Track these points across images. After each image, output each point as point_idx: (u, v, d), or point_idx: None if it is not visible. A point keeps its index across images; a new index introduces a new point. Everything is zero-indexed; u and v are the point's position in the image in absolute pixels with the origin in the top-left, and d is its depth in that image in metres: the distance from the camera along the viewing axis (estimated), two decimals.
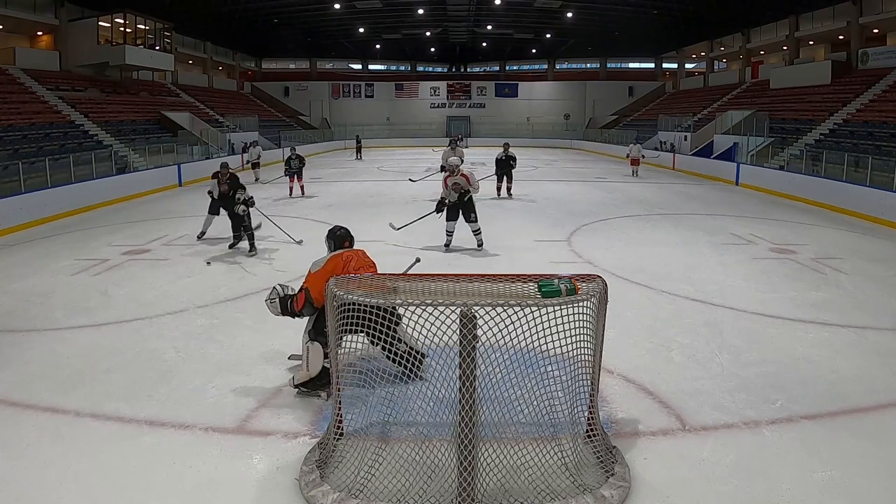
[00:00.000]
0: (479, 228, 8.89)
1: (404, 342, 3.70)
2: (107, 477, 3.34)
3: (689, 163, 22.45)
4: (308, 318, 4.37)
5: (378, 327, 3.21)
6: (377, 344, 3.56)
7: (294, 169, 15.01)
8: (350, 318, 3.28)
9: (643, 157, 20.81)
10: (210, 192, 9.27)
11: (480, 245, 8.91)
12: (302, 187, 15.24)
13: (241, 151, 24.50)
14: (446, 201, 8.77)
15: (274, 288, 4.51)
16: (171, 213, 12.86)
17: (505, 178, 14.58)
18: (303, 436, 3.77)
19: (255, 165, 19.33)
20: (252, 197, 8.93)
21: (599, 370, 3.46)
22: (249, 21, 33.34)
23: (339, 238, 4.65)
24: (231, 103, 33.66)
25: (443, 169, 13.08)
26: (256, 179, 18.34)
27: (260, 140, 28.76)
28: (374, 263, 4.52)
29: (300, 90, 42.75)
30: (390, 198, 14.99)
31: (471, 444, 2.97)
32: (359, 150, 29.64)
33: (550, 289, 3.05)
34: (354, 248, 4.64)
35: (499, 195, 14.48)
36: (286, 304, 4.38)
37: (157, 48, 26.55)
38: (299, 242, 9.29)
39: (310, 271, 4.38)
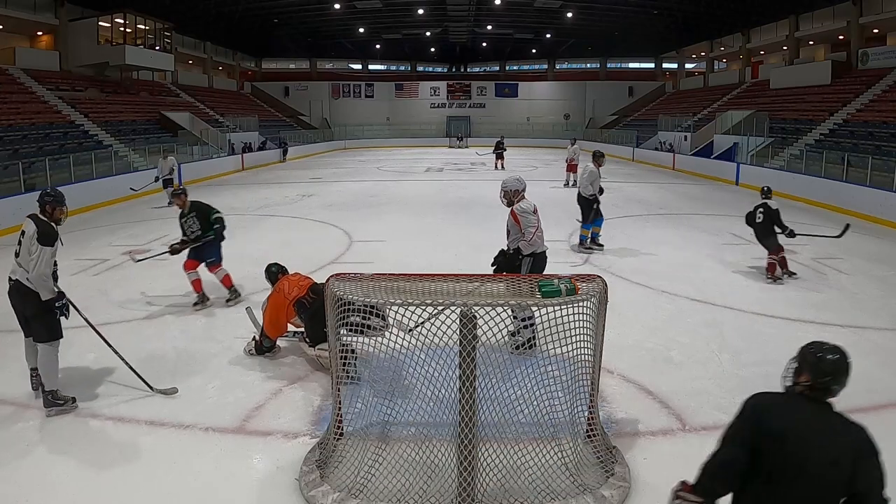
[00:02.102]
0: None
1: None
2: (107, 477, 3.34)
3: (689, 163, 22.45)
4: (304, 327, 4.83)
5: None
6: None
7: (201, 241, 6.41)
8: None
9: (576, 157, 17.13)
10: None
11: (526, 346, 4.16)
12: (226, 281, 6.53)
13: (241, 151, 24.48)
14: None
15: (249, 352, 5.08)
16: (172, 213, 12.81)
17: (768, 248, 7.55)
18: (303, 436, 3.77)
19: (168, 183, 13.80)
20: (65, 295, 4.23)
21: (599, 370, 3.46)
22: (249, 21, 33.33)
23: (274, 274, 5.20)
24: (231, 103, 33.66)
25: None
26: (169, 203, 12.60)
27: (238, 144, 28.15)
28: (308, 279, 5.07)
29: (300, 90, 42.76)
30: (389, 197, 14.99)
31: (471, 444, 2.97)
32: (284, 153, 27.89)
33: (550, 289, 3.05)
34: (290, 273, 5.19)
35: (772, 276, 7.38)
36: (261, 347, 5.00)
37: (157, 48, 26.56)
38: (166, 392, 4.38)
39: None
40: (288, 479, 3.31)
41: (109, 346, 4.58)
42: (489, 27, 38.43)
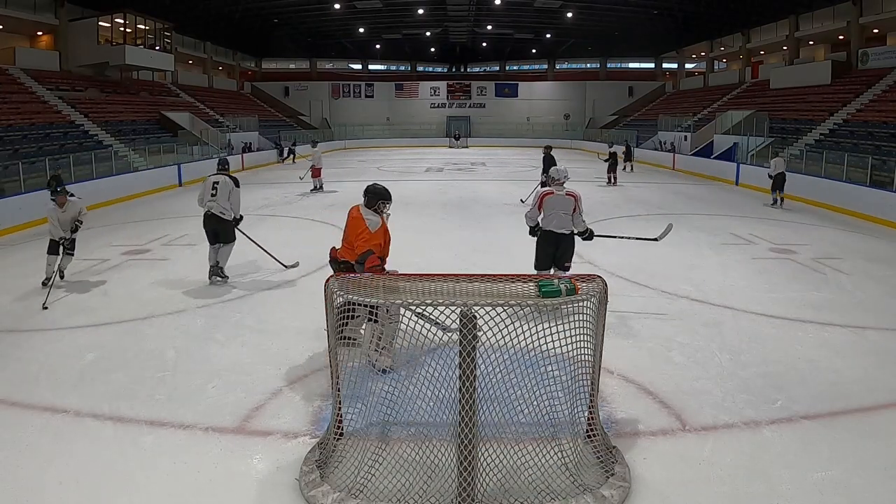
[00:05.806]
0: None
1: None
2: (107, 477, 3.33)
3: (689, 163, 22.44)
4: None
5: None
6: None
7: None
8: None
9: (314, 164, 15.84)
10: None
11: None
12: None
13: (241, 151, 24.43)
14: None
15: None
16: (171, 213, 12.85)
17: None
18: (303, 436, 3.76)
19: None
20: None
21: (599, 370, 3.46)
22: (249, 21, 33.35)
23: (381, 195, 4.83)
24: (231, 103, 33.66)
25: None
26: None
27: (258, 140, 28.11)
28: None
29: (300, 90, 42.77)
30: None
31: (471, 444, 2.96)
32: (291, 153, 26.97)
33: (550, 289, 3.04)
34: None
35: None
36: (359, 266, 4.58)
37: (157, 48, 26.56)
38: (293, 266, 8.02)
39: (367, 229, 4.64)
40: (288, 479, 3.30)
41: (250, 238, 7.72)
42: (489, 27, 38.44)
